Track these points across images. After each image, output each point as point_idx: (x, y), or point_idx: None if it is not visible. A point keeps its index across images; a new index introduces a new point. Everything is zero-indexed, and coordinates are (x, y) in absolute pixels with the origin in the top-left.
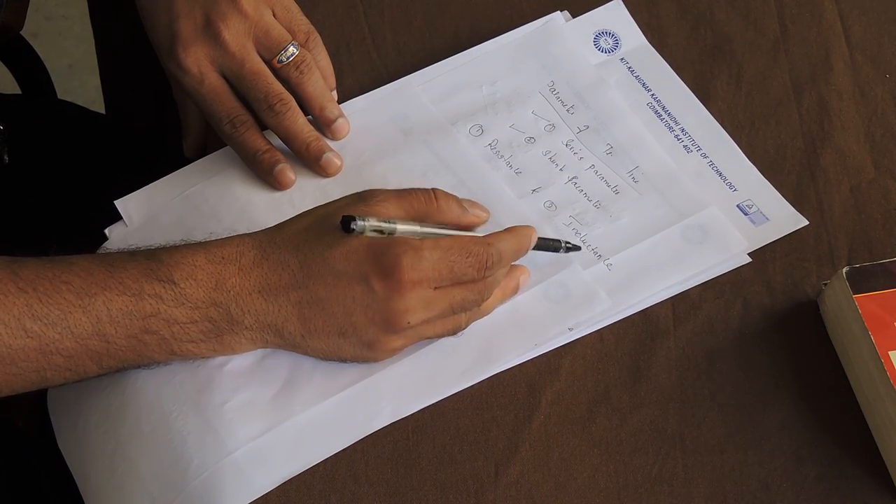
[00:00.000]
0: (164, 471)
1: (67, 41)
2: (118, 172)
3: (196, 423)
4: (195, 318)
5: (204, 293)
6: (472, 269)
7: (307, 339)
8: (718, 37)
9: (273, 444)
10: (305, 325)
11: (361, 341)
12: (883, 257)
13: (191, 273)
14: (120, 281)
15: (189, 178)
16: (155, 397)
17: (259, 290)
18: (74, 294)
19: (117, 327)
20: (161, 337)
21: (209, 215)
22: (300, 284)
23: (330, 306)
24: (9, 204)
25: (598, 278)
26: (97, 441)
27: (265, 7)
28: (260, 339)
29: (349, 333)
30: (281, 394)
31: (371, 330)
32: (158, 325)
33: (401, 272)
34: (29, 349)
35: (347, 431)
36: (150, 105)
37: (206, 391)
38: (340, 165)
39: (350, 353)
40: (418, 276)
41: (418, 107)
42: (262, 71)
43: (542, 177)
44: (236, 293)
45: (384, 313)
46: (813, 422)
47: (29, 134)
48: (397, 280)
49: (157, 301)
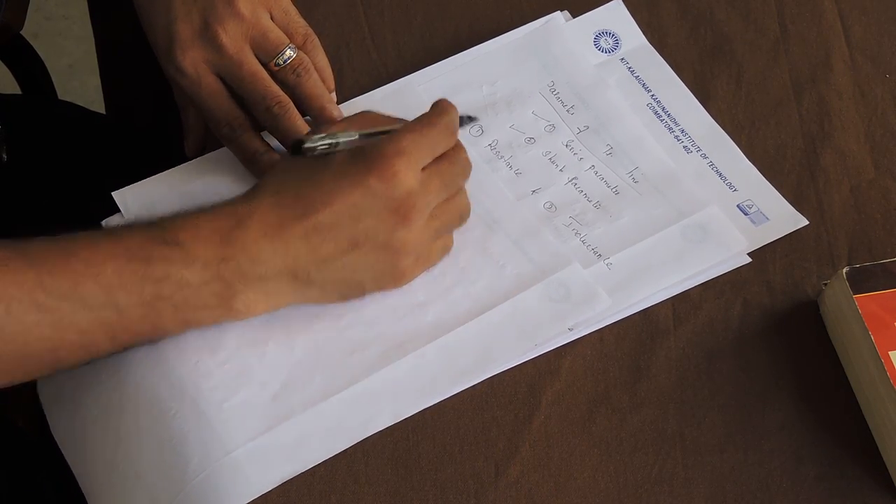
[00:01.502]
0: (164, 469)
1: (67, 41)
2: (118, 172)
3: (196, 421)
4: (206, 279)
5: (211, 250)
6: (441, 134)
7: (322, 271)
8: (718, 37)
9: (273, 443)
10: (316, 253)
11: (376, 245)
12: (883, 257)
13: (195, 233)
14: (126, 248)
15: (189, 173)
16: (154, 393)
17: (264, 234)
18: (84, 264)
19: (129, 294)
20: (173, 303)
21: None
22: (301, 216)
23: (336, 223)
24: (8, 203)
25: (598, 278)
26: (97, 438)
27: (262, 10)
28: (274, 290)
29: (362, 241)
30: (281, 394)
31: (383, 229)
32: (170, 289)
33: (388, 161)
34: (43, 325)
35: (347, 432)
36: (150, 105)
37: (205, 389)
38: None
39: (368, 271)
40: (405, 159)
41: (418, 107)
42: (259, 73)
43: (542, 177)
44: (243, 243)
45: (390, 203)
46: (813, 422)
47: (29, 134)
48: (388, 169)
49: (167, 264)
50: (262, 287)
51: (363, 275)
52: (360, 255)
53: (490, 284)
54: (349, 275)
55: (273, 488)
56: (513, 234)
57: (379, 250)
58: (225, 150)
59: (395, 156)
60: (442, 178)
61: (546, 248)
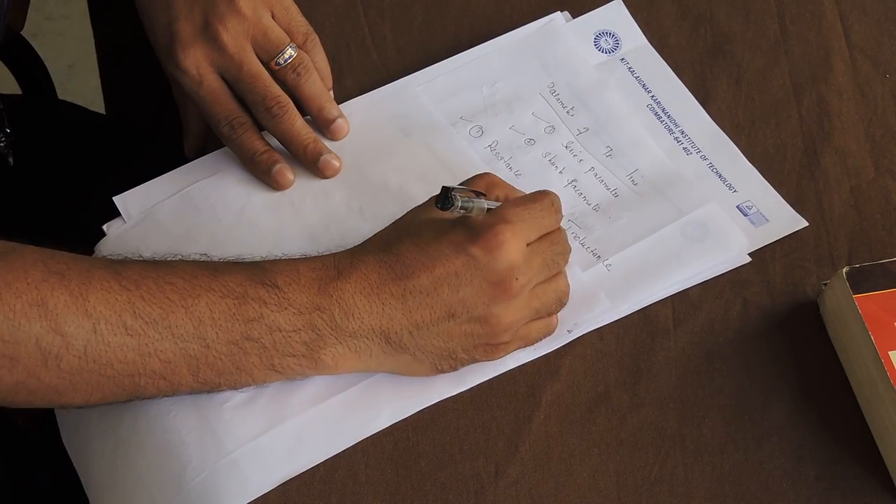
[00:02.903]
0: (163, 470)
1: (67, 41)
2: (118, 172)
3: (195, 422)
4: (298, 326)
5: (307, 298)
6: (546, 212)
7: (415, 336)
8: (718, 37)
9: (273, 443)
10: (411, 317)
11: (472, 317)
12: (883, 257)
13: (294, 278)
14: (224, 284)
15: (189, 175)
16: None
17: (361, 291)
18: (178, 294)
19: (219, 331)
20: (262, 346)
21: (208, 213)
22: (400, 276)
23: (434, 290)
24: (11, 204)
25: (598, 279)
26: (98, 438)
27: (264, 9)
28: (365, 348)
29: (459, 312)
30: (280, 394)
31: (481, 301)
32: (260, 331)
33: (493, 231)
34: (127, 348)
35: (347, 432)
36: (150, 105)
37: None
38: (339, 167)
39: (462, 341)
40: (511, 232)
41: (418, 108)
42: (260, 73)
43: (542, 179)
44: (339, 296)
45: (491, 276)
46: (813, 422)
47: (29, 134)
48: (493, 239)
49: (261, 305)
50: (353, 343)
51: (457, 345)
52: (455, 324)
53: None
54: (442, 343)
55: (273, 488)
56: None
57: (474, 322)
58: (225, 150)
59: (501, 227)
60: (544, 257)
61: None
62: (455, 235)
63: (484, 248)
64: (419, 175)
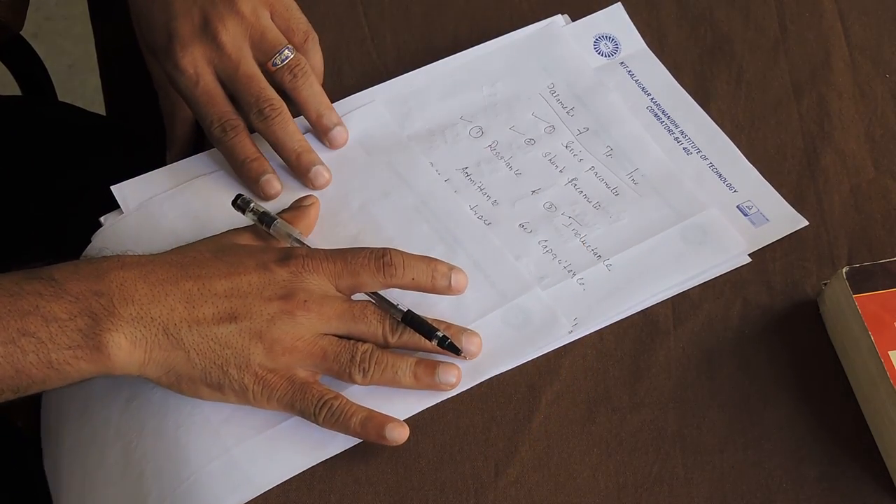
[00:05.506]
0: (162, 469)
1: (67, 41)
2: (118, 173)
3: (195, 421)
4: (74, 313)
5: (85, 285)
6: (365, 267)
7: (193, 332)
8: (718, 37)
9: (272, 443)
10: (193, 313)
11: (251, 329)
12: (883, 257)
13: (72, 271)
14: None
15: (188, 170)
16: (116, 426)
17: (145, 279)
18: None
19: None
20: (38, 340)
21: (204, 208)
22: (191, 276)
23: (224, 293)
24: (8, 204)
25: (598, 279)
26: (67, 468)
27: (263, 9)
28: (141, 338)
29: (241, 316)
30: None
31: (265, 312)
32: (36, 324)
33: (306, 259)
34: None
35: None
36: (150, 105)
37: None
38: (329, 178)
39: (236, 356)
40: (322, 263)
41: (418, 108)
42: (255, 75)
43: (542, 178)
44: (120, 283)
45: (280, 291)
46: (813, 422)
47: (29, 134)
48: (299, 263)
49: (36, 297)
50: (130, 331)
51: (230, 355)
52: (233, 330)
53: (452, 306)
54: (218, 349)
55: (273, 488)
56: (474, 256)
57: (253, 337)
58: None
59: (314, 257)
60: (352, 313)
61: (508, 272)
62: (264, 255)
63: (289, 269)
64: (381, 194)
